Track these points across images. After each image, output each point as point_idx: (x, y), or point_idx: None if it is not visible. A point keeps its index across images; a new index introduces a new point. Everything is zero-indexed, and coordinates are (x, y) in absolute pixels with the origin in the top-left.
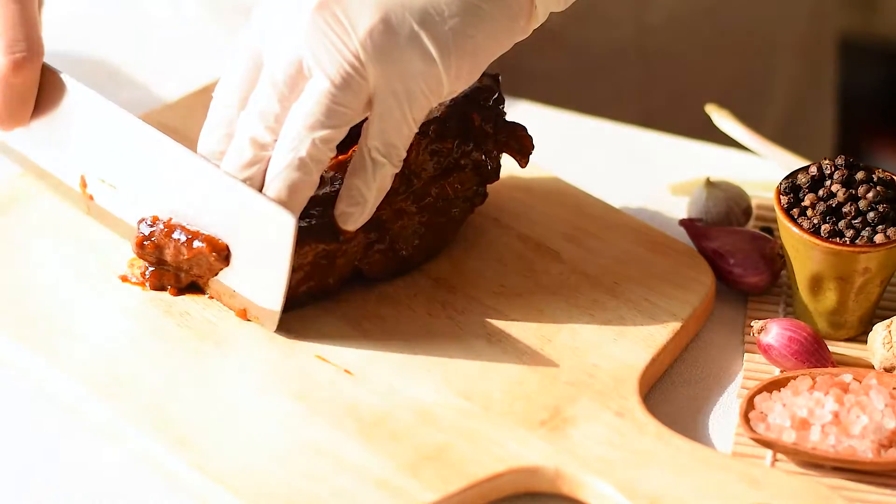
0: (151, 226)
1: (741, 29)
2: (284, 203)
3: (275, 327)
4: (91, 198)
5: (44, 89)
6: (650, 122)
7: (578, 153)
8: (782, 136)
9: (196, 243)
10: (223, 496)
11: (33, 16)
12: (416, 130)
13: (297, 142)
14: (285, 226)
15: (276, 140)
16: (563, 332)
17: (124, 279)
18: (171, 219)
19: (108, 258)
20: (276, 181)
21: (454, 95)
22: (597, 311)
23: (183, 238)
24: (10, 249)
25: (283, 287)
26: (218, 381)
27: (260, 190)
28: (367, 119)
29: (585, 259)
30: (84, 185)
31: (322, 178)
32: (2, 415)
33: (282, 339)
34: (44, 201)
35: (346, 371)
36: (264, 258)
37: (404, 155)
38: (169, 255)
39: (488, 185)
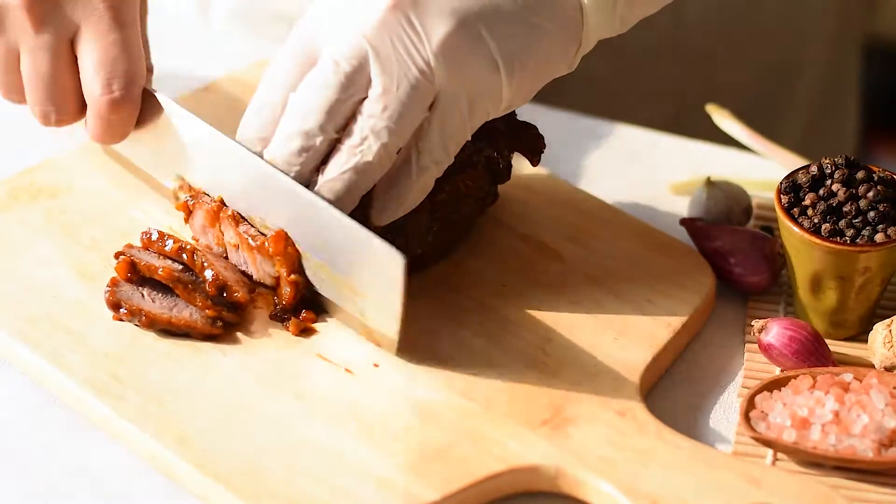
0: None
1: (771, 25)
2: (339, 201)
3: (394, 351)
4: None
5: (144, 108)
6: (682, 118)
7: (579, 153)
8: (806, 136)
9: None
10: (223, 496)
11: (135, 43)
12: (469, 139)
13: (362, 145)
14: (396, 264)
15: (323, 130)
16: (564, 332)
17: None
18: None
19: (109, 258)
20: (337, 182)
21: (511, 110)
22: (598, 311)
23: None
24: (10, 249)
25: (398, 317)
26: (218, 380)
27: (306, 183)
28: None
29: (586, 259)
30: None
31: None
32: (2, 415)
33: (282, 339)
34: (44, 201)
35: (347, 370)
36: (377, 289)
37: (451, 160)
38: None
39: None
